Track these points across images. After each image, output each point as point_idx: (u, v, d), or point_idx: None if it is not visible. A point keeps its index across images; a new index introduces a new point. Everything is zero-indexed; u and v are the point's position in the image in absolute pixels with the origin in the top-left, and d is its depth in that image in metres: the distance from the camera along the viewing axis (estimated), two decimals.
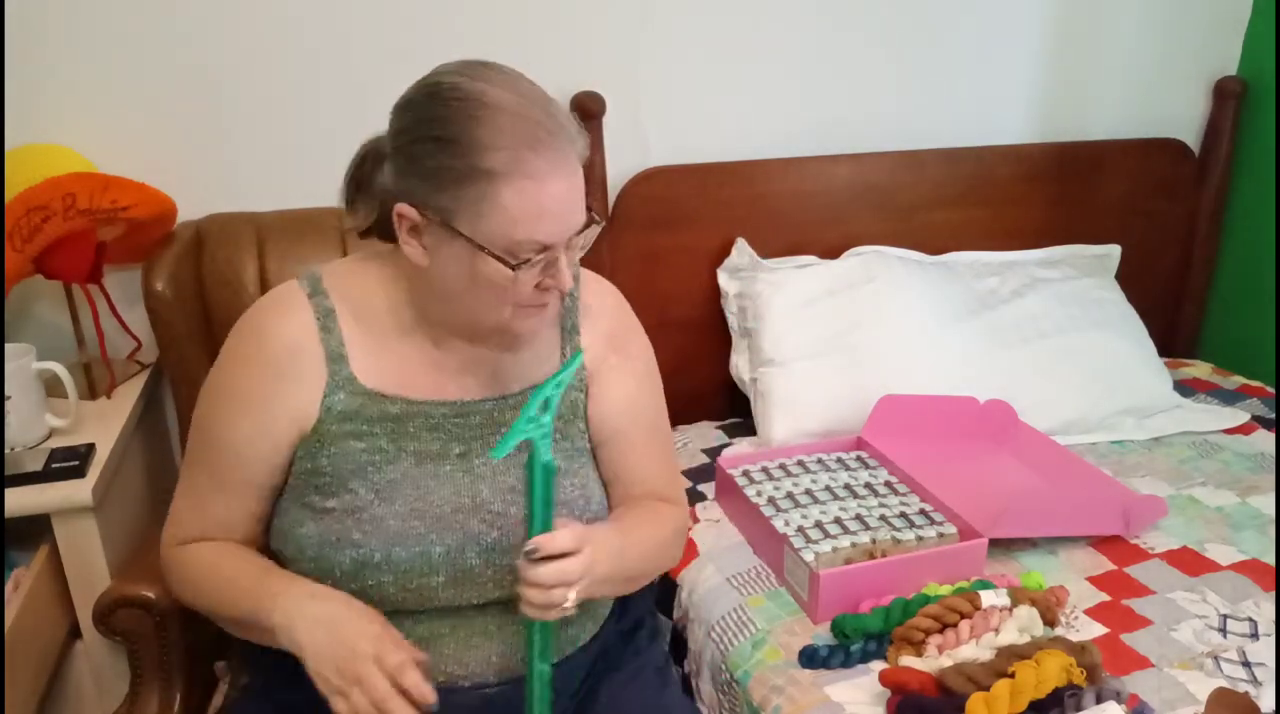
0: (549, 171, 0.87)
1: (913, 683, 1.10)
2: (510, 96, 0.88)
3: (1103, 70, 2.05)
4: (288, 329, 0.98)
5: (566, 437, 1.05)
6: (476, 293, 0.92)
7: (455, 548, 0.97)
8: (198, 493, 1.02)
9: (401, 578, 0.96)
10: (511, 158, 0.86)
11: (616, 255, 1.78)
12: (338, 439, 0.98)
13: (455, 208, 0.88)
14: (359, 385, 0.98)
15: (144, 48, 1.52)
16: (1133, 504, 1.45)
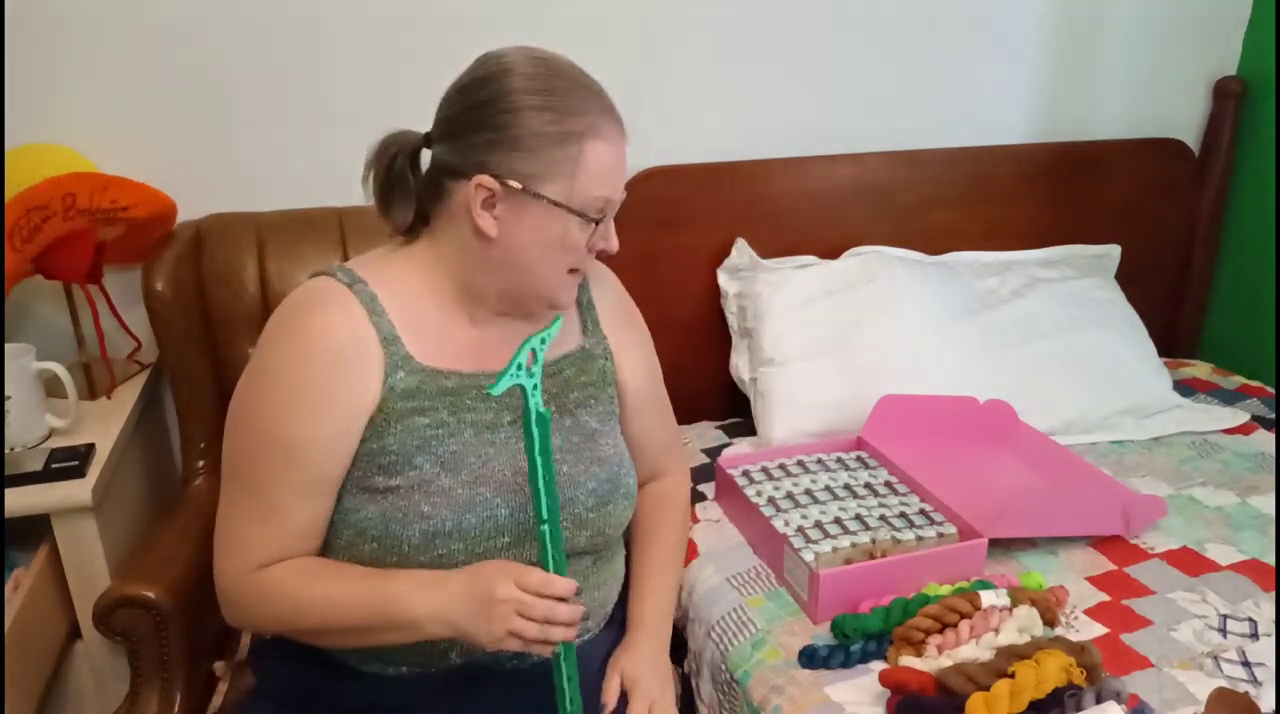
0: (617, 136, 1.02)
1: (913, 683, 1.10)
2: (575, 70, 1.02)
3: (1103, 70, 2.05)
4: (340, 319, 0.99)
5: (599, 401, 1.14)
6: (546, 256, 1.01)
7: (518, 508, 1.03)
8: (270, 509, 0.99)
9: (471, 543, 1.00)
10: (594, 122, 0.99)
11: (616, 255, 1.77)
12: (403, 416, 1.00)
13: (544, 171, 0.97)
14: (416, 363, 1.02)
15: (144, 48, 1.52)
16: (1133, 504, 1.45)
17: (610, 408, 1.16)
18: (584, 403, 1.13)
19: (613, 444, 1.14)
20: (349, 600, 0.97)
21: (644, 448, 1.23)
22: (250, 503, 1.00)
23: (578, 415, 1.12)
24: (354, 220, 1.54)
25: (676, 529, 1.26)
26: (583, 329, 1.16)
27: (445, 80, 1.66)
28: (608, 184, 1.01)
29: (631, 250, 1.78)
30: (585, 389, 1.13)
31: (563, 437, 1.09)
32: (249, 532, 1.00)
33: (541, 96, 0.97)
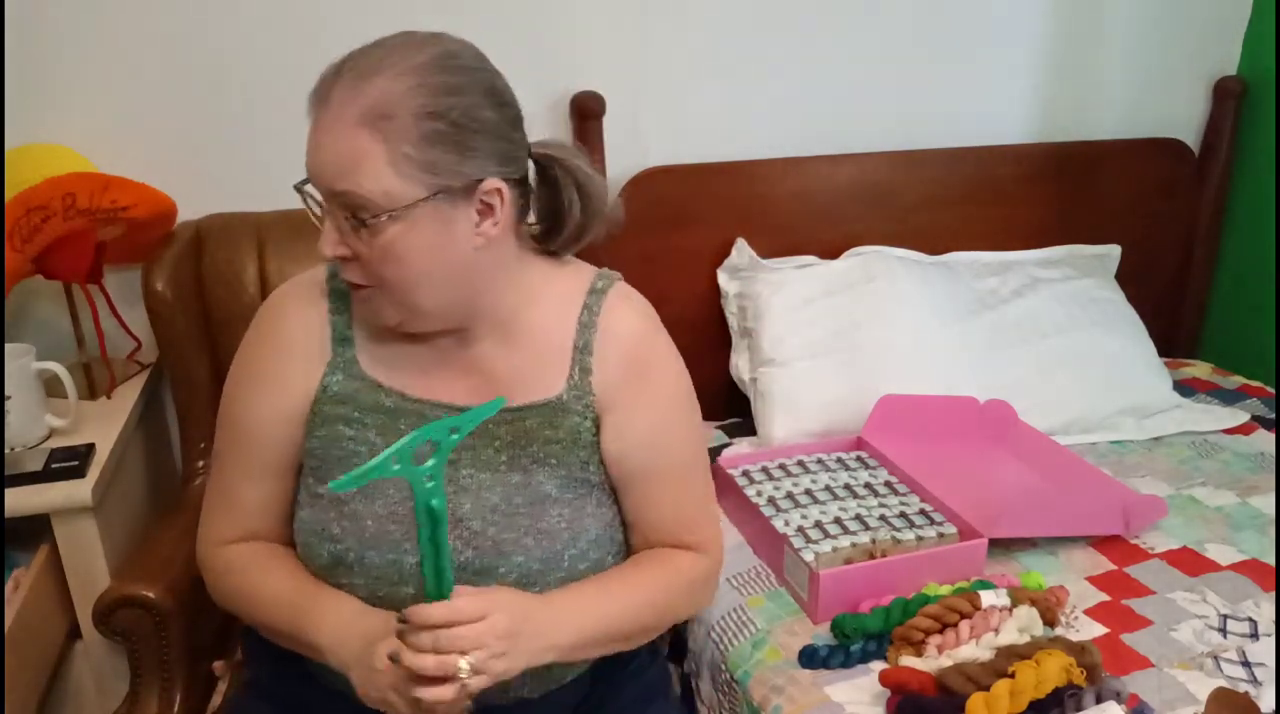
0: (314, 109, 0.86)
1: (913, 683, 1.10)
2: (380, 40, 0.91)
3: (1103, 70, 2.05)
4: (295, 309, 0.99)
5: (564, 464, 0.98)
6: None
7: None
8: (228, 486, 1.02)
9: (372, 583, 0.94)
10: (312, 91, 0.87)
11: (617, 255, 1.77)
12: (329, 421, 0.97)
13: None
14: (359, 369, 0.98)
15: (144, 48, 1.52)
16: (1133, 504, 1.45)
17: (580, 476, 0.99)
18: (543, 461, 0.97)
19: (568, 519, 0.97)
20: (277, 602, 0.96)
21: (642, 526, 1.03)
22: (214, 482, 1.04)
23: (532, 474, 0.97)
24: None
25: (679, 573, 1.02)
26: (569, 376, 0.98)
27: None
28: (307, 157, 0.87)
29: (631, 250, 1.79)
30: (548, 446, 0.97)
31: (503, 495, 0.96)
32: (212, 509, 1.04)
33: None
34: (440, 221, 0.86)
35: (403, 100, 0.83)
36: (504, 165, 0.89)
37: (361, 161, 0.83)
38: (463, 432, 0.81)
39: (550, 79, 1.71)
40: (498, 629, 0.84)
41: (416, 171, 0.84)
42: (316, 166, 0.85)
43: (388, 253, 0.86)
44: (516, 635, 0.85)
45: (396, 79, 0.84)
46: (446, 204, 0.86)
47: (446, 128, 0.85)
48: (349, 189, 0.84)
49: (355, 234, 0.86)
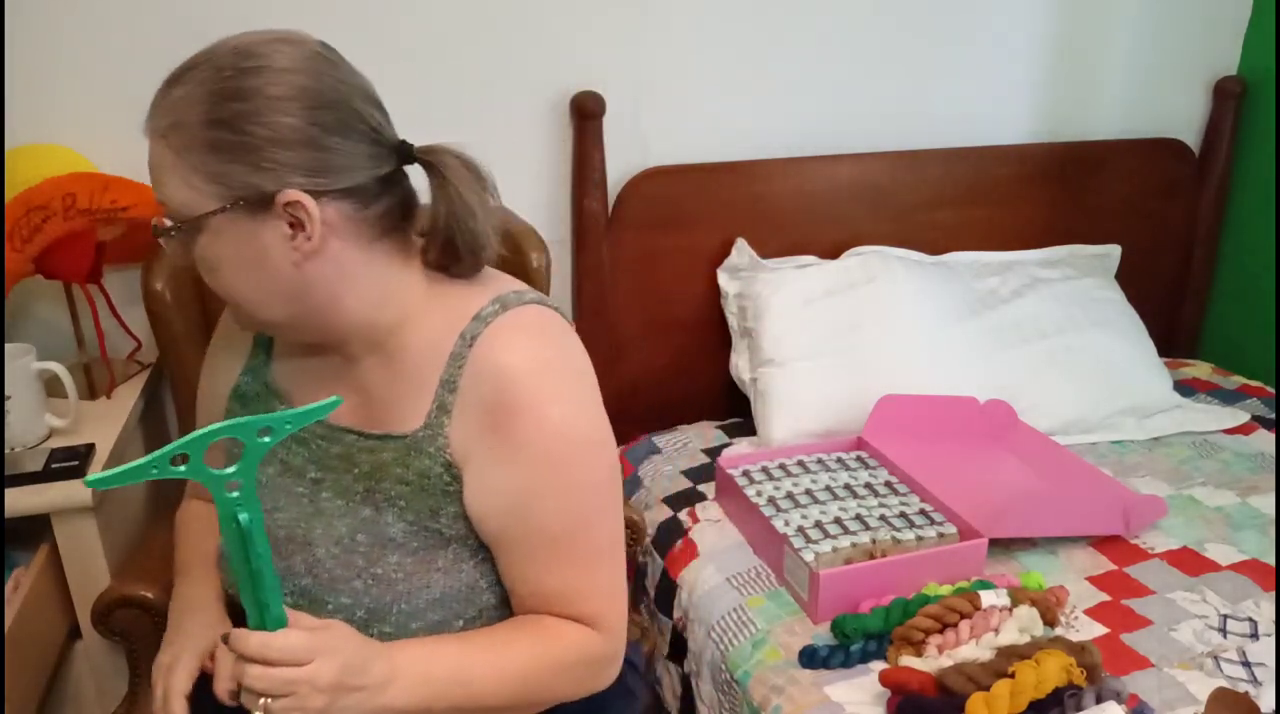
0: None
1: (913, 683, 1.10)
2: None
3: (1103, 70, 2.05)
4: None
5: (412, 509, 0.88)
6: None
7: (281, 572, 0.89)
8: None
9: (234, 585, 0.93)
10: None
11: (616, 255, 1.78)
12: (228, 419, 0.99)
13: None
14: (266, 374, 0.98)
15: (144, 47, 1.52)
16: (1133, 504, 1.45)
17: (430, 525, 0.88)
18: (393, 501, 0.88)
19: (407, 570, 0.87)
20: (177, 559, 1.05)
21: (515, 596, 0.90)
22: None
23: (382, 512, 0.88)
24: None
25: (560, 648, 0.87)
26: (428, 412, 0.87)
27: (445, 81, 1.67)
28: None
29: (631, 250, 1.80)
30: (399, 486, 0.88)
31: (349, 528, 0.89)
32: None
33: None
34: (243, 234, 0.81)
35: (191, 108, 0.80)
36: (315, 176, 0.80)
37: (161, 173, 0.81)
38: (275, 436, 0.71)
39: (550, 79, 1.71)
40: (318, 680, 0.73)
41: (205, 183, 0.80)
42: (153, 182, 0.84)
43: (202, 263, 0.83)
44: (341, 691, 0.75)
45: (194, 86, 0.81)
46: (245, 217, 0.80)
47: (233, 137, 0.79)
48: (161, 200, 0.82)
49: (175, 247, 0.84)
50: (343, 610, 0.87)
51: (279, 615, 0.73)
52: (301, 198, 0.79)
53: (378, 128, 0.85)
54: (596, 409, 0.89)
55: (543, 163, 1.76)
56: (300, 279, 0.83)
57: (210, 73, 0.81)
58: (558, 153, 1.76)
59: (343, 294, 0.85)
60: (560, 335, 0.90)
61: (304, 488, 0.92)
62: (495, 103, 1.70)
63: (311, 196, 0.80)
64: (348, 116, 0.83)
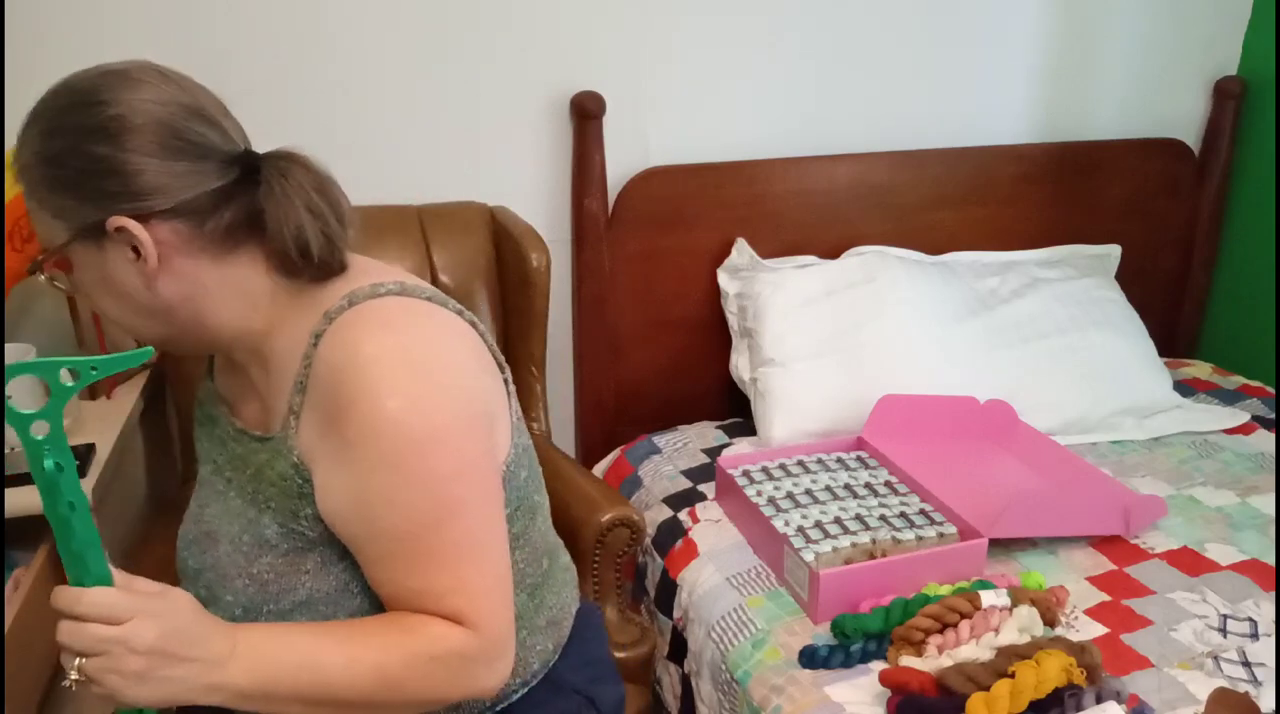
0: None
1: (913, 683, 1.10)
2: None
3: (1103, 70, 2.05)
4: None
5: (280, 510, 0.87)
6: None
7: (193, 570, 0.94)
8: None
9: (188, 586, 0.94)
10: None
11: (616, 255, 1.78)
12: (199, 422, 1.02)
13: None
14: (211, 383, 1.01)
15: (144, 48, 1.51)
16: (1133, 504, 1.45)
17: (296, 528, 0.86)
18: (266, 502, 0.88)
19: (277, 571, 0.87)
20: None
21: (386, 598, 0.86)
22: None
23: (261, 514, 0.88)
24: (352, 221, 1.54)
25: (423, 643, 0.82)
26: (288, 412, 0.85)
27: (449, 81, 1.67)
28: None
29: (631, 250, 1.80)
30: (269, 487, 0.87)
31: (241, 528, 0.89)
32: None
33: None
34: (94, 262, 0.82)
35: (30, 149, 0.83)
36: (138, 200, 0.80)
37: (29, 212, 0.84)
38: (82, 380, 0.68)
39: (550, 79, 1.71)
40: (134, 641, 0.70)
41: (51, 218, 0.82)
42: None
43: (79, 289, 0.86)
44: (163, 657, 0.72)
45: (32, 127, 0.84)
46: (91, 246, 0.81)
47: (59, 172, 0.81)
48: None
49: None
50: (225, 609, 0.89)
51: (100, 574, 0.71)
52: (126, 223, 0.80)
53: (203, 143, 0.84)
54: (448, 399, 0.83)
55: (543, 163, 1.76)
56: (158, 299, 0.84)
57: (43, 112, 0.84)
58: (558, 153, 1.76)
59: (205, 309, 0.86)
60: (410, 325, 0.85)
61: (222, 486, 0.94)
62: (495, 103, 1.70)
63: (138, 220, 0.80)
64: (163, 137, 0.82)
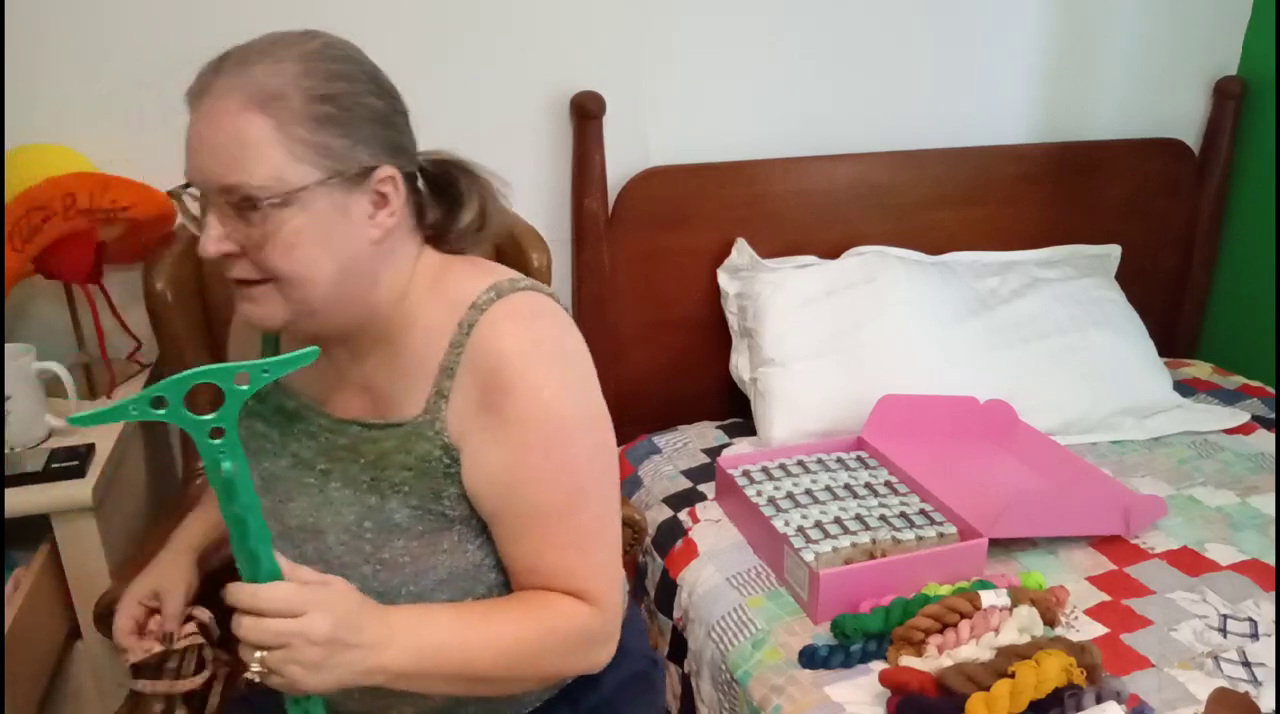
0: (192, 105, 0.82)
1: (913, 683, 1.10)
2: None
3: (1103, 70, 2.05)
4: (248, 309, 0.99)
5: (415, 492, 0.90)
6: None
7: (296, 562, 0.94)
8: None
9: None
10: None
11: (616, 255, 1.78)
12: (249, 416, 0.97)
13: None
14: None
15: (144, 47, 1.52)
16: (1133, 504, 1.45)
17: (434, 508, 0.90)
18: (397, 488, 0.90)
19: (413, 553, 0.90)
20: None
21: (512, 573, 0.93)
22: None
23: (387, 499, 0.90)
24: None
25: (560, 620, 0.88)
26: (427, 398, 0.89)
27: (449, 81, 1.67)
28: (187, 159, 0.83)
29: (631, 250, 1.80)
30: (402, 472, 0.89)
31: (357, 516, 0.91)
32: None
33: None
34: (335, 208, 0.83)
35: (292, 83, 0.81)
36: (395, 157, 0.86)
37: (252, 145, 0.80)
38: (254, 383, 0.70)
39: (550, 79, 1.71)
40: (312, 633, 0.73)
41: (310, 154, 0.81)
42: (201, 161, 0.81)
43: (279, 241, 0.81)
44: (336, 646, 0.75)
45: (283, 64, 0.83)
46: (340, 190, 0.83)
47: (337, 111, 0.82)
48: (241, 179, 0.80)
49: (245, 225, 0.81)
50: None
51: (271, 568, 0.72)
52: (395, 173, 0.85)
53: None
54: (587, 390, 0.91)
55: (543, 163, 1.76)
56: (367, 258, 0.86)
57: (297, 55, 0.84)
58: (558, 153, 1.76)
59: (383, 277, 0.89)
60: (553, 319, 0.92)
61: (313, 479, 0.94)
62: (495, 103, 1.70)
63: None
64: (404, 108, 0.89)
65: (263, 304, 0.85)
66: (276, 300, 0.84)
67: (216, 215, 0.82)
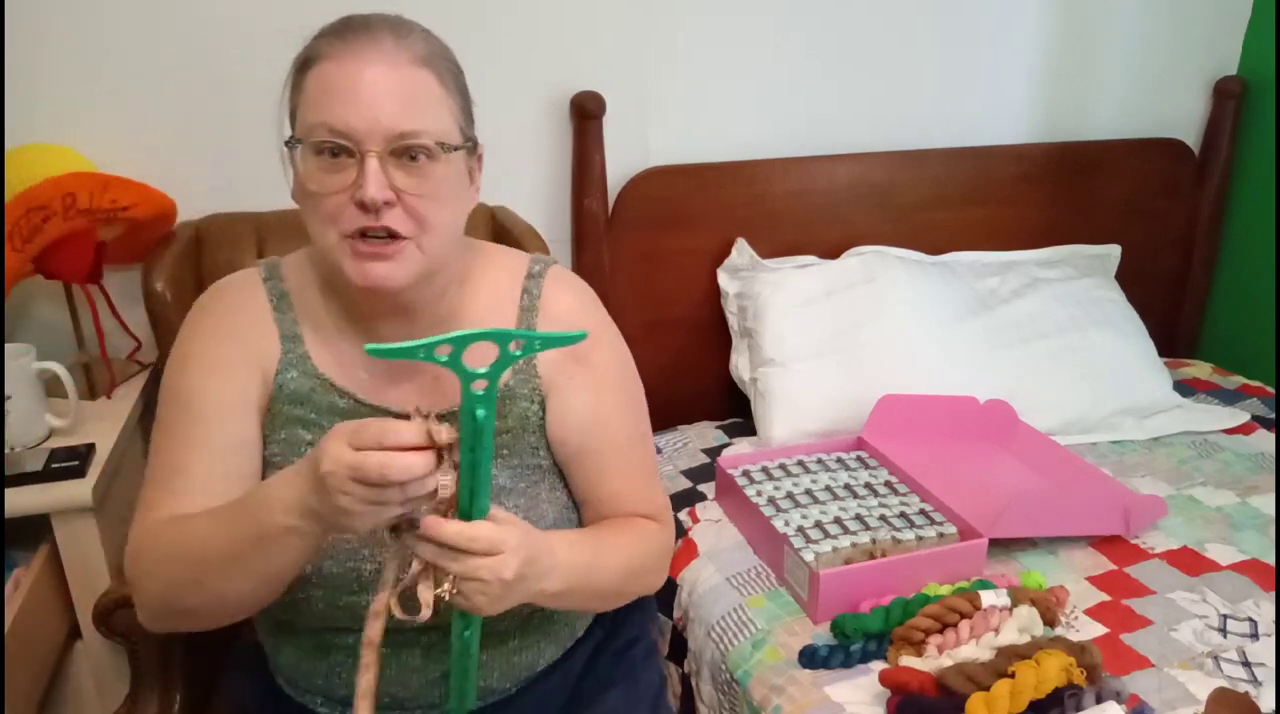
0: (350, 55, 0.83)
1: (913, 683, 1.10)
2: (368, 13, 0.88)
3: (1103, 70, 2.05)
4: (244, 302, 0.97)
5: (515, 452, 0.98)
6: (308, 209, 0.87)
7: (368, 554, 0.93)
8: (176, 461, 0.93)
9: (331, 594, 0.93)
10: (320, 44, 0.85)
11: (616, 255, 1.78)
12: (288, 423, 0.94)
13: (290, 110, 0.89)
14: (311, 366, 0.95)
15: (144, 47, 1.52)
16: (1133, 504, 1.45)
17: (533, 461, 0.99)
18: (495, 453, 0.95)
19: (524, 509, 0.97)
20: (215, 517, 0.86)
21: (594, 502, 1.03)
22: (160, 458, 0.94)
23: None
24: None
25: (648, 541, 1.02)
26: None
27: None
28: (323, 106, 0.83)
29: (631, 250, 1.80)
30: (500, 437, 0.96)
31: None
32: (157, 485, 0.93)
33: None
34: (463, 170, 0.90)
35: (442, 51, 0.89)
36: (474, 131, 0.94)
37: (429, 97, 0.85)
38: (525, 350, 0.75)
39: (551, 79, 1.71)
40: (504, 571, 0.78)
41: (460, 117, 0.89)
42: (370, 108, 0.82)
43: (437, 192, 0.86)
44: (518, 582, 0.80)
45: (429, 35, 0.89)
46: (467, 155, 0.90)
47: (465, 86, 0.91)
48: (416, 127, 0.83)
49: (404, 174, 0.84)
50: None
51: (484, 510, 0.78)
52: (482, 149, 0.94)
53: None
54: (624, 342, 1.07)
55: (543, 163, 1.76)
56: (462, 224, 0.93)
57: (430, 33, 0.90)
58: (558, 153, 1.76)
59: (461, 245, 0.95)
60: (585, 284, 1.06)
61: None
62: (495, 103, 1.70)
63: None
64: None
65: (399, 262, 0.86)
66: (413, 257, 0.86)
67: (379, 164, 0.83)
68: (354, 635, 0.90)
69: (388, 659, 0.95)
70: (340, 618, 0.94)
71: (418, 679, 0.97)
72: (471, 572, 0.77)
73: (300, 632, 0.98)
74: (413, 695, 0.98)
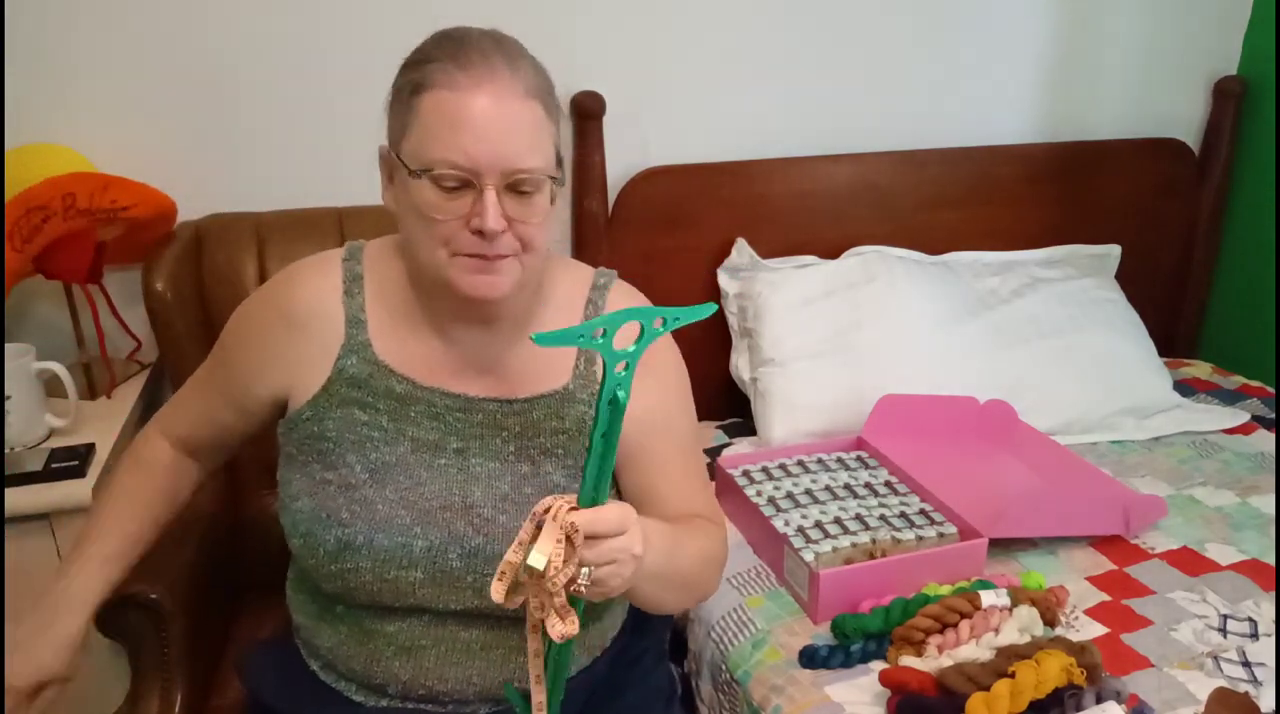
0: (470, 86, 0.86)
1: (913, 683, 1.10)
2: (467, 27, 0.92)
3: (1103, 70, 2.05)
4: (311, 289, 1.00)
5: (570, 453, 1.00)
6: (415, 228, 0.90)
7: (438, 546, 0.95)
8: (186, 393, 1.11)
9: (380, 566, 0.95)
10: (436, 69, 0.87)
11: (616, 255, 1.78)
12: (344, 404, 0.98)
13: (399, 130, 0.90)
14: (371, 353, 0.98)
15: (144, 47, 1.52)
16: (1133, 504, 1.45)
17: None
18: (550, 452, 1.00)
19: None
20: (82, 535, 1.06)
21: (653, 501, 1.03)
22: (186, 387, 1.11)
23: (539, 465, 0.99)
24: (354, 220, 1.54)
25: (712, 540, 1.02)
26: (575, 367, 1.01)
27: None
28: (447, 140, 0.85)
29: (631, 250, 1.80)
30: (554, 437, 0.99)
31: (512, 484, 0.98)
32: (170, 403, 1.12)
33: (415, 54, 0.91)
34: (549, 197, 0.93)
35: (547, 82, 0.92)
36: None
37: (537, 132, 0.89)
38: (666, 326, 0.79)
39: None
40: (634, 547, 0.80)
41: (554, 146, 0.92)
42: (493, 144, 0.86)
43: (541, 217, 0.90)
44: (638, 559, 0.81)
45: (536, 65, 0.93)
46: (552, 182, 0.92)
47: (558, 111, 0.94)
48: (530, 165, 0.87)
49: (517, 203, 0.89)
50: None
51: (605, 493, 0.79)
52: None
53: None
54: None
55: None
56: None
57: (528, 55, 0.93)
58: None
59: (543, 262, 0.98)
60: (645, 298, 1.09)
61: (446, 459, 0.98)
62: None
63: None
64: None
65: (505, 274, 0.91)
66: (514, 271, 0.91)
67: (495, 194, 0.87)
68: (395, 623, 0.97)
69: (427, 653, 0.98)
70: (385, 593, 0.96)
71: (456, 674, 0.99)
72: (607, 555, 0.78)
73: (342, 615, 1.00)
74: (449, 690, 0.99)
